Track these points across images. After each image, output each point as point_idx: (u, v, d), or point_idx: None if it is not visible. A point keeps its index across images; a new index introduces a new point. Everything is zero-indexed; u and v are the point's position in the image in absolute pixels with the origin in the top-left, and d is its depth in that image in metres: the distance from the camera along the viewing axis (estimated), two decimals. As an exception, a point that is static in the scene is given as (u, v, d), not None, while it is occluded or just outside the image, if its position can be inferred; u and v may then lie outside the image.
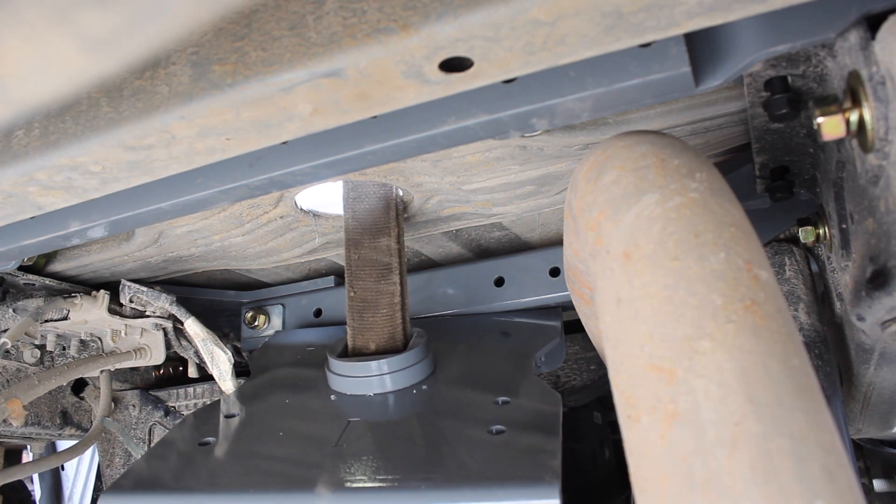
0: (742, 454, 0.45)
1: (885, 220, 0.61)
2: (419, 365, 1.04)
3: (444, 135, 0.72)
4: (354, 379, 1.04)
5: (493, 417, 0.89)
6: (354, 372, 1.04)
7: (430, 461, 0.83)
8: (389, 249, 1.07)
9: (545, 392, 0.95)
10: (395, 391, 1.02)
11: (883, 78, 0.56)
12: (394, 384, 1.02)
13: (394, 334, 1.07)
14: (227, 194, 0.82)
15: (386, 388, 1.02)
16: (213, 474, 0.88)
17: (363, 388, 1.03)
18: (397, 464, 0.83)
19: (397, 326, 1.07)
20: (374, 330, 1.07)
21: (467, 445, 0.85)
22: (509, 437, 0.84)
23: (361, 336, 1.07)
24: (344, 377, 1.05)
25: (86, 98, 0.63)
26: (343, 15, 0.55)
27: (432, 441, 0.89)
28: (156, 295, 1.36)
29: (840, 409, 1.12)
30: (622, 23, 0.54)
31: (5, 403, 1.20)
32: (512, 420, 0.88)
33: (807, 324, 1.09)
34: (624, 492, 2.14)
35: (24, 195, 0.74)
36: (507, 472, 0.76)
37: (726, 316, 0.50)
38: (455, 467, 0.79)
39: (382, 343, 1.06)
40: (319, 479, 0.80)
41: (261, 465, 0.89)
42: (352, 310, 1.08)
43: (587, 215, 0.63)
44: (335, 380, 1.06)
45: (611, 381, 0.56)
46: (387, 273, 1.07)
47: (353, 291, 1.08)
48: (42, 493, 2.58)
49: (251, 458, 0.92)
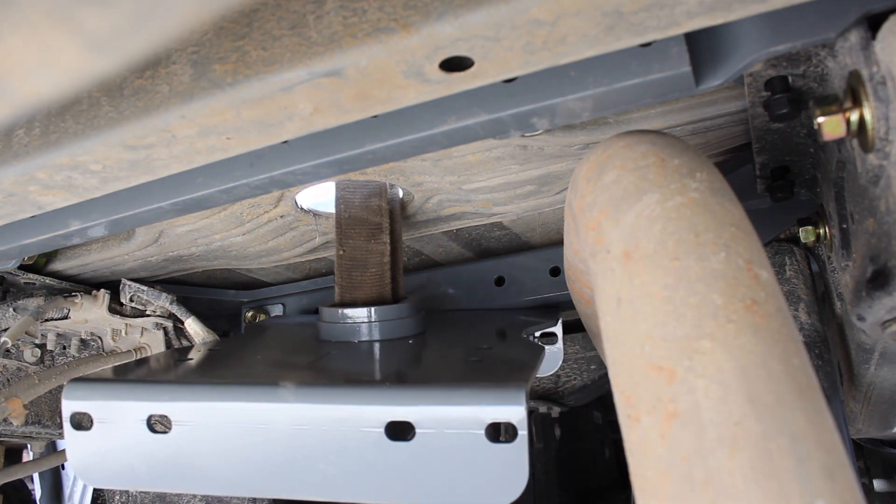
0: (742, 454, 0.45)
1: (886, 220, 0.61)
2: (407, 320, 1.04)
3: (444, 134, 0.72)
4: (341, 325, 1.03)
5: (472, 354, 0.90)
6: (340, 318, 1.03)
7: (403, 372, 0.84)
8: (380, 209, 1.07)
9: (529, 345, 0.95)
10: (381, 341, 1.02)
11: (883, 78, 0.56)
12: (381, 333, 1.02)
13: (382, 293, 1.06)
14: (227, 193, 0.82)
15: (372, 337, 1.02)
16: (183, 375, 0.88)
17: (350, 334, 1.03)
18: (369, 372, 0.84)
19: (386, 285, 1.07)
20: (363, 288, 1.07)
21: (445, 365, 0.85)
22: (484, 363, 0.84)
23: (349, 294, 1.07)
24: (331, 324, 1.05)
25: (86, 97, 0.63)
26: (343, 14, 0.55)
27: (407, 366, 0.89)
28: (156, 294, 1.36)
29: (840, 409, 1.12)
30: (623, 22, 0.54)
31: (6, 402, 1.20)
32: (490, 356, 0.88)
33: (807, 324, 1.09)
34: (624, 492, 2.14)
35: (24, 194, 0.74)
36: (476, 379, 0.76)
37: (726, 316, 0.50)
38: (425, 375, 0.79)
39: (371, 301, 1.06)
40: (286, 379, 0.79)
41: (232, 370, 0.90)
42: (340, 268, 1.08)
43: (587, 215, 0.63)
44: (323, 328, 1.06)
45: (611, 380, 0.56)
46: (377, 232, 1.07)
47: (343, 250, 1.08)
48: (42, 492, 2.58)
49: (224, 367, 0.92)
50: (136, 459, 0.80)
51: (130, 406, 0.80)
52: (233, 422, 0.77)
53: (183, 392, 0.79)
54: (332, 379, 0.81)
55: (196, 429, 0.78)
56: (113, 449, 0.81)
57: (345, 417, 0.74)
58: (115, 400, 0.81)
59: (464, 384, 0.72)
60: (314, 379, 0.81)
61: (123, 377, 0.86)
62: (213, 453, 0.78)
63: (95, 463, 0.81)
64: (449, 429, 0.71)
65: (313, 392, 0.76)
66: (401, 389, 0.74)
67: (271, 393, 0.76)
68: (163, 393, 0.80)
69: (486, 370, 0.81)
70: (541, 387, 1.78)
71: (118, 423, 0.80)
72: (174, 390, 0.80)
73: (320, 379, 0.81)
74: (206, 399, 0.78)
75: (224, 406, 0.77)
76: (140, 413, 0.80)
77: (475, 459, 0.70)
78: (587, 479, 2.10)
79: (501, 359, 0.87)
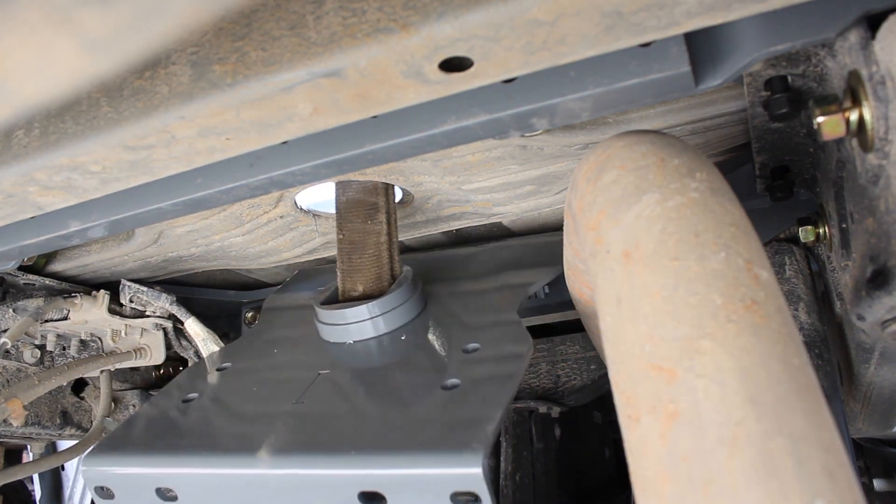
0: (742, 454, 0.45)
1: (885, 220, 0.61)
2: (398, 309, 1.04)
3: (444, 134, 0.72)
4: (333, 327, 1.04)
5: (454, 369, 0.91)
6: (332, 320, 1.04)
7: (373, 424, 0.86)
8: (376, 189, 1.07)
9: (518, 336, 0.95)
10: (376, 337, 1.03)
11: (883, 77, 0.56)
12: (375, 330, 1.03)
13: (380, 275, 1.07)
14: (227, 194, 0.82)
15: (365, 335, 1.03)
16: (180, 435, 0.93)
17: (343, 335, 1.04)
18: (341, 426, 0.86)
19: (384, 266, 1.07)
20: (362, 271, 1.07)
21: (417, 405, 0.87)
22: (459, 393, 0.85)
23: (350, 278, 1.08)
24: (325, 325, 1.05)
25: (86, 98, 0.63)
26: (343, 15, 0.55)
27: (385, 400, 0.91)
28: (156, 295, 1.36)
29: (840, 408, 1.12)
30: (622, 22, 0.54)
31: (5, 403, 1.20)
32: (470, 373, 0.89)
33: (807, 323, 1.09)
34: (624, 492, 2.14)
35: (24, 195, 0.74)
36: (438, 438, 0.77)
37: (726, 315, 0.50)
38: (393, 431, 0.81)
39: (370, 284, 1.06)
40: (266, 441, 0.84)
41: (223, 425, 0.94)
42: (341, 252, 1.09)
43: (587, 215, 0.63)
44: (319, 328, 1.07)
45: (611, 380, 0.56)
46: (373, 213, 1.07)
47: (342, 234, 1.08)
48: (42, 493, 2.58)
49: (218, 417, 0.96)
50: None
51: (139, 479, 0.89)
52: (225, 486, 0.84)
53: (178, 462, 0.87)
54: (307, 438, 0.85)
55: (195, 496, 0.86)
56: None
57: (320, 485, 0.79)
58: (123, 474, 0.90)
59: (427, 450, 0.75)
60: (291, 437, 0.86)
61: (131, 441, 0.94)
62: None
63: None
64: (416, 496, 0.74)
65: (287, 459, 0.81)
66: (367, 457, 0.77)
67: (251, 461, 0.83)
68: (162, 465, 0.88)
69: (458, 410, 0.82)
70: (541, 387, 1.78)
71: (134, 493, 0.89)
72: (171, 461, 0.88)
73: (296, 438, 0.85)
74: (197, 468, 0.85)
75: (214, 473, 0.84)
76: (148, 485, 0.88)
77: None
78: (587, 479, 2.10)
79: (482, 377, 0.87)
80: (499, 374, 0.87)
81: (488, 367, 0.89)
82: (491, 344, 0.95)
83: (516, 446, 1.76)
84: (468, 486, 0.71)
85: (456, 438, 0.75)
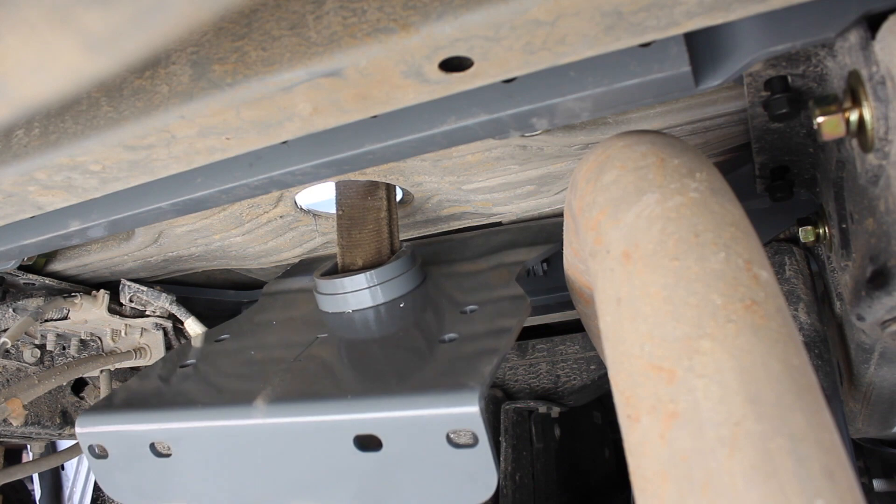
0: (742, 454, 0.45)
1: (885, 220, 0.61)
2: (397, 280, 1.04)
3: (444, 134, 0.72)
4: (332, 296, 1.04)
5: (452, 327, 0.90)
6: (330, 289, 1.04)
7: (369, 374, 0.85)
8: None
9: (515, 299, 0.95)
10: (374, 307, 1.02)
11: (883, 77, 0.56)
12: (373, 299, 1.03)
13: (380, 249, 1.07)
14: (226, 194, 0.82)
15: (363, 305, 1.02)
16: (175, 393, 0.92)
17: (341, 305, 1.04)
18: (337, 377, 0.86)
19: (384, 241, 1.07)
20: (362, 246, 1.08)
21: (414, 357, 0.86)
22: (456, 345, 0.85)
23: (350, 253, 1.08)
24: (324, 295, 1.06)
25: (86, 97, 0.63)
26: (343, 14, 0.55)
27: (382, 356, 0.91)
28: (156, 294, 1.36)
29: (840, 409, 1.12)
30: (622, 22, 0.54)
31: (5, 403, 1.20)
32: (467, 329, 0.88)
33: (807, 324, 1.09)
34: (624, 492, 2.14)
35: (23, 195, 0.74)
36: (435, 380, 0.76)
37: (726, 316, 0.50)
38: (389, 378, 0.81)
39: (369, 259, 1.07)
40: (261, 393, 0.83)
41: (218, 382, 0.93)
42: (340, 228, 1.09)
43: (587, 215, 0.63)
44: (318, 299, 1.07)
45: (611, 380, 0.56)
46: (373, 189, 1.08)
47: (342, 210, 1.09)
48: (42, 492, 2.58)
49: (212, 377, 0.96)
50: (153, 481, 0.87)
51: (133, 436, 0.87)
52: (219, 440, 0.83)
53: (173, 417, 0.85)
54: (304, 388, 0.83)
55: (190, 450, 0.84)
56: (132, 473, 0.88)
57: (315, 431, 0.77)
58: (118, 430, 0.88)
59: (420, 392, 0.73)
60: (287, 387, 0.84)
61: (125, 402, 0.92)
62: (209, 470, 0.84)
63: (123, 486, 0.90)
64: (412, 437, 0.72)
65: (282, 407, 0.80)
66: (363, 401, 0.76)
67: (247, 412, 0.81)
68: (157, 420, 0.86)
69: (455, 359, 0.81)
70: (541, 387, 1.78)
71: (128, 451, 0.88)
72: (166, 416, 0.86)
73: (292, 388, 0.84)
74: (191, 422, 0.84)
75: (208, 427, 0.83)
76: (143, 441, 0.87)
77: (442, 465, 0.71)
78: (587, 479, 2.10)
79: (479, 333, 0.87)
80: (496, 328, 0.87)
81: (486, 324, 0.89)
82: (488, 305, 0.95)
83: (516, 446, 1.76)
84: (465, 426, 0.70)
85: (451, 380, 0.74)
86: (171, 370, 1.01)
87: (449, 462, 0.71)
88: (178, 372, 0.99)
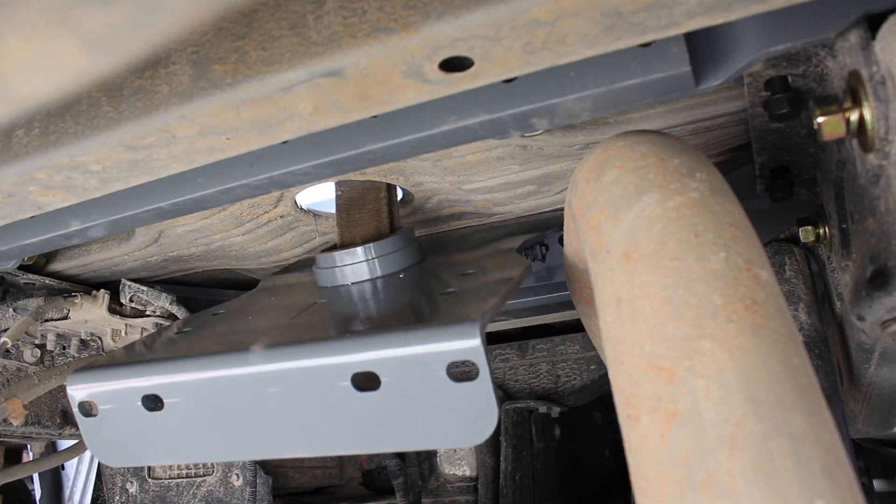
0: (742, 454, 0.45)
1: (886, 220, 0.61)
2: (395, 254, 1.04)
3: (444, 134, 0.72)
4: (330, 270, 1.04)
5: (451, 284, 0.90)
6: (329, 263, 1.04)
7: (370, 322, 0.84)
8: None
9: (514, 260, 0.95)
10: (372, 279, 1.02)
11: (883, 77, 0.56)
12: (370, 272, 1.02)
13: (379, 228, 1.07)
14: (227, 194, 0.82)
15: (361, 277, 1.02)
16: (168, 350, 0.91)
17: (339, 278, 1.04)
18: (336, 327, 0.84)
19: (383, 221, 1.07)
20: (361, 225, 1.08)
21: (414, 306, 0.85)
22: (455, 295, 0.84)
23: (348, 232, 1.08)
24: (322, 270, 1.06)
25: (86, 97, 0.63)
26: (343, 14, 0.55)
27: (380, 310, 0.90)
28: (156, 294, 1.36)
29: (840, 409, 1.12)
30: (622, 22, 0.54)
31: (5, 403, 1.20)
32: (467, 284, 0.88)
33: (807, 324, 1.09)
34: (624, 492, 2.14)
35: (24, 194, 0.74)
36: (438, 317, 0.75)
37: (726, 315, 0.50)
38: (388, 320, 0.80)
39: (369, 237, 1.07)
40: (258, 342, 0.81)
41: (214, 339, 0.92)
42: (339, 208, 1.09)
43: (587, 215, 0.63)
44: (317, 275, 1.07)
45: (611, 380, 0.56)
46: None
47: (341, 190, 1.09)
48: (42, 492, 2.58)
49: (208, 337, 0.94)
50: (141, 438, 0.84)
51: (124, 390, 0.84)
52: (214, 391, 0.80)
53: (165, 369, 0.83)
54: (300, 336, 0.81)
55: (184, 403, 0.81)
56: (120, 430, 0.85)
57: (312, 374, 0.75)
58: (110, 385, 0.85)
59: (420, 326, 0.71)
60: (283, 338, 0.82)
61: (118, 360, 0.90)
62: (203, 423, 0.81)
63: (109, 445, 0.87)
64: (412, 373, 0.70)
65: (279, 352, 0.77)
66: (361, 339, 0.74)
67: (242, 359, 0.78)
68: (150, 373, 0.83)
69: (455, 304, 0.80)
70: (541, 387, 1.78)
71: (119, 406, 0.85)
72: (158, 368, 0.83)
73: (288, 337, 0.81)
74: (185, 373, 0.81)
75: (202, 377, 0.80)
76: (134, 395, 0.84)
77: (442, 400, 0.69)
78: (587, 479, 2.10)
79: (478, 285, 0.86)
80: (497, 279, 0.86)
81: (486, 279, 0.89)
82: (488, 268, 0.95)
83: (516, 446, 1.76)
84: (466, 357, 0.68)
85: (451, 317, 0.73)
86: (166, 335, 1.00)
87: (449, 398, 0.69)
88: (173, 336, 0.98)
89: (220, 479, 1.71)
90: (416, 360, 0.70)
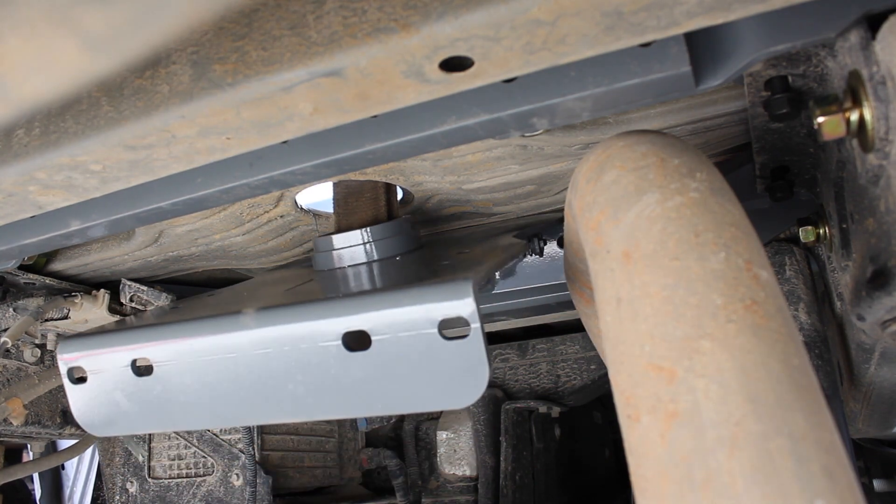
0: (742, 454, 0.45)
1: (886, 220, 0.61)
2: (393, 239, 1.03)
3: (444, 134, 0.72)
4: (327, 253, 1.04)
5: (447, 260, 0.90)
6: (326, 246, 1.04)
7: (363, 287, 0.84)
8: None
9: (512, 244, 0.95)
10: (368, 262, 1.02)
11: (883, 77, 0.56)
12: (367, 256, 1.02)
13: (377, 217, 1.07)
14: (227, 193, 0.82)
15: (357, 260, 1.02)
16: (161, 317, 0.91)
17: (335, 261, 1.04)
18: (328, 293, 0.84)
19: (381, 209, 1.07)
20: (359, 213, 1.07)
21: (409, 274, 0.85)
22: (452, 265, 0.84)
23: (346, 220, 1.08)
24: (319, 253, 1.06)
25: (86, 97, 0.63)
26: (343, 14, 0.55)
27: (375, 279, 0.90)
28: (156, 294, 1.36)
29: (840, 409, 1.12)
30: (622, 22, 0.54)
31: (6, 402, 1.20)
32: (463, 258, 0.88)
33: (807, 324, 1.09)
34: (624, 492, 2.14)
35: (24, 194, 0.74)
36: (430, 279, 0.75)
37: (726, 315, 0.50)
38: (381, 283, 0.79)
39: (367, 224, 1.07)
40: (250, 306, 0.80)
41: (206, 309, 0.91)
42: (337, 198, 1.09)
43: (587, 215, 0.63)
44: (315, 259, 1.07)
45: (611, 380, 0.56)
46: None
47: (339, 186, 1.10)
48: (42, 492, 2.58)
49: (202, 307, 0.94)
50: (130, 404, 0.83)
51: (114, 354, 0.84)
52: (204, 355, 0.79)
53: (156, 334, 0.82)
54: (292, 300, 0.81)
55: (173, 367, 0.80)
56: (109, 397, 0.84)
57: (303, 335, 0.74)
58: (100, 350, 0.85)
59: (412, 285, 0.71)
60: (275, 302, 0.81)
61: (108, 328, 0.90)
62: (192, 388, 0.80)
63: (96, 413, 0.85)
64: (403, 332, 0.70)
65: (270, 314, 0.76)
66: (352, 299, 0.73)
67: (233, 322, 0.78)
68: (139, 337, 0.83)
69: (449, 270, 0.79)
70: (541, 387, 1.78)
71: (108, 372, 0.84)
72: (148, 333, 0.82)
73: (280, 302, 0.81)
74: (175, 337, 0.80)
75: (193, 342, 0.79)
76: (123, 360, 0.83)
77: (434, 359, 0.69)
78: (587, 479, 2.10)
79: (473, 258, 0.86)
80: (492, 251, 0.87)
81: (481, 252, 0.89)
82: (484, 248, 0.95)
83: (516, 446, 1.76)
84: (458, 313, 0.68)
85: (445, 277, 0.72)
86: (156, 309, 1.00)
87: (440, 357, 0.68)
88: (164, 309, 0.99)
89: (220, 479, 1.71)
90: (408, 317, 0.69)
